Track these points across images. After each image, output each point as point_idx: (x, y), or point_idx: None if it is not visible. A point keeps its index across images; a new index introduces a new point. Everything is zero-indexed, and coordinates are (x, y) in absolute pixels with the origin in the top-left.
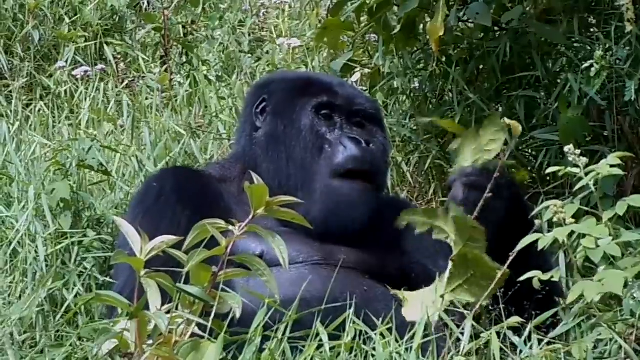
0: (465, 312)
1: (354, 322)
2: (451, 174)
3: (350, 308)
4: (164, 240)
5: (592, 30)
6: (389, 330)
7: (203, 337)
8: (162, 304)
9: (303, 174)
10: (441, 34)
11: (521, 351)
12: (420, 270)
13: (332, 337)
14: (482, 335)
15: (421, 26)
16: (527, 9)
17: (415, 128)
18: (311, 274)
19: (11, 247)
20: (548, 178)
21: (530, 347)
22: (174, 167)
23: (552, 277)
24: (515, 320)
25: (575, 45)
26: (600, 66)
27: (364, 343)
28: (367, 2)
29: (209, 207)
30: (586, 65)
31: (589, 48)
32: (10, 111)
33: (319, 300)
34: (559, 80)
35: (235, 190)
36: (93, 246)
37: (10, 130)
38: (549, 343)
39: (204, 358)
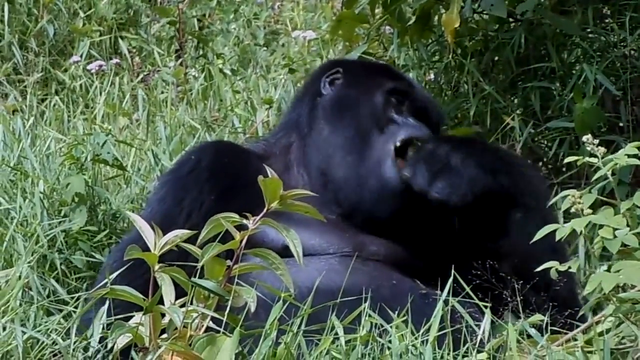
0: (482, 304)
1: (370, 316)
2: None
3: (365, 302)
4: (178, 234)
5: (606, 20)
6: (406, 323)
7: (218, 332)
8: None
9: (363, 140)
10: (456, 25)
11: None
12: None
13: (352, 331)
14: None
15: (436, 18)
16: (542, 0)
17: None
18: (340, 265)
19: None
20: (563, 169)
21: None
22: (217, 142)
23: (569, 267)
24: (537, 318)
25: (590, 36)
26: None
27: (380, 336)
28: None
29: (242, 190)
30: None
31: (603, 39)
32: (25, 106)
33: (345, 293)
34: (574, 71)
35: (280, 166)
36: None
37: (25, 125)
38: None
39: (219, 352)
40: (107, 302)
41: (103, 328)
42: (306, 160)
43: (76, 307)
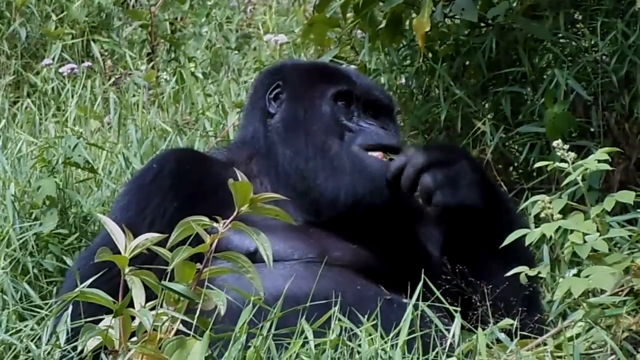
0: (452, 308)
1: (340, 320)
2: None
3: (335, 305)
4: (148, 237)
5: (577, 25)
6: (375, 327)
7: (188, 335)
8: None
9: (324, 156)
10: (427, 29)
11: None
12: (414, 267)
13: (321, 335)
14: (469, 332)
15: (407, 22)
16: (513, 4)
17: (401, 124)
18: (305, 271)
19: None
20: (534, 174)
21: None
22: (179, 150)
23: (539, 272)
24: (506, 322)
25: (561, 41)
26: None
27: (350, 340)
28: None
29: (205, 197)
30: None
31: (574, 44)
32: None
33: (309, 298)
34: (545, 76)
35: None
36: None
37: None
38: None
39: (189, 355)
40: (75, 305)
41: (69, 332)
42: (275, 178)
43: (49, 312)
